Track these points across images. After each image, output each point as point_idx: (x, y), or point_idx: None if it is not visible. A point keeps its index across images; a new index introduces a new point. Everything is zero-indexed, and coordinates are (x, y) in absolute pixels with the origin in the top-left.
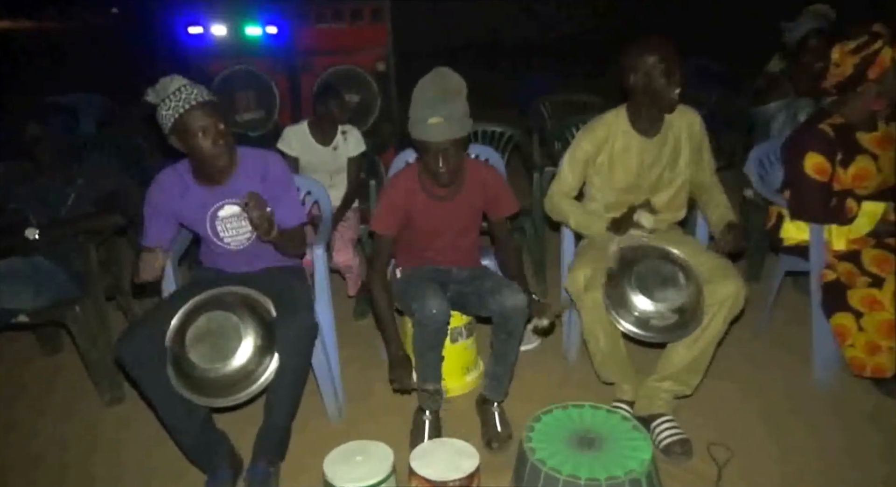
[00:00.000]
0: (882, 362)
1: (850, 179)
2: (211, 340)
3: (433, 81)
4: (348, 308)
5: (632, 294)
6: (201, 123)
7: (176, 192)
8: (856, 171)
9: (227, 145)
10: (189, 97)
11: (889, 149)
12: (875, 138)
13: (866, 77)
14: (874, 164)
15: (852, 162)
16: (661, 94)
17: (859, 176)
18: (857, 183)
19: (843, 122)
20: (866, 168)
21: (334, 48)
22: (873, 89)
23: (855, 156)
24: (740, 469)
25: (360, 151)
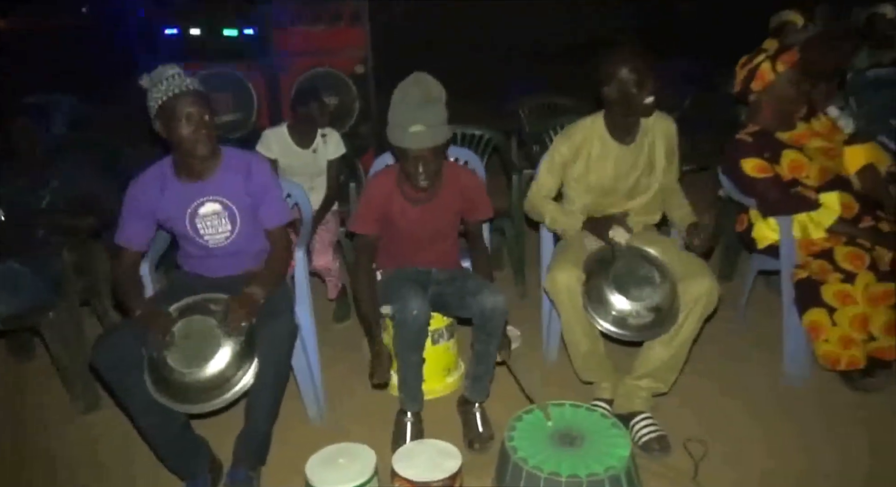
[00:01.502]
0: (855, 355)
1: (787, 171)
2: (189, 345)
3: (413, 87)
4: (328, 311)
5: (609, 293)
6: (187, 110)
7: (156, 188)
8: (789, 163)
9: (208, 136)
10: (180, 84)
11: (814, 140)
12: (794, 135)
13: (751, 89)
14: (802, 154)
15: (781, 156)
16: (634, 103)
17: (794, 166)
18: (797, 173)
19: (759, 129)
20: (796, 159)
21: (313, 50)
22: (763, 99)
23: (780, 151)
24: (716, 464)
25: (339, 154)
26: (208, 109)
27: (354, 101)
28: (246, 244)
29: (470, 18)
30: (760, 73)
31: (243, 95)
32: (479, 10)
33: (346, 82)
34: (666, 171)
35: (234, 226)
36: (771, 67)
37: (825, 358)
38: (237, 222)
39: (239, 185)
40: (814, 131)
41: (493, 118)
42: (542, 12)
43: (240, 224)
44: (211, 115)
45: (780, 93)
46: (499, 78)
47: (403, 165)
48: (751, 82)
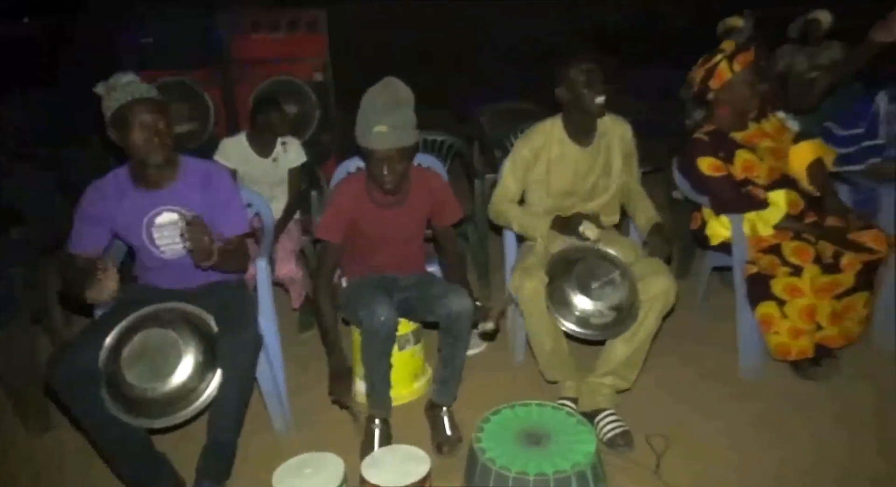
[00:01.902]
0: (804, 345)
1: (740, 171)
2: (149, 359)
3: (382, 91)
4: (292, 321)
5: (572, 294)
6: (141, 117)
7: (112, 196)
8: (742, 163)
9: (162, 144)
10: (133, 91)
11: (764, 140)
12: (747, 135)
13: (709, 87)
14: (754, 155)
15: (734, 156)
16: (586, 102)
17: (746, 166)
18: (748, 172)
19: (714, 128)
20: (749, 159)
21: (271, 58)
22: (720, 98)
23: (734, 151)
24: (677, 457)
25: (300, 162)
26: (164, 117)
27: (314, 109)
28: None
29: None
30: (718, 73)
31: (200, 105)
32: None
33: (305, 90)
34: (623, 173)
35: None
36: (728, 67)
37: (776, 349)
38: None
39: (197, 194)
40: (764, 132)
41: (453, 124)
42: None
43: None
44: (167, 123)
45: (736, 91)
46: (458, 84)
47: (370, 167)
48: (709, 81)
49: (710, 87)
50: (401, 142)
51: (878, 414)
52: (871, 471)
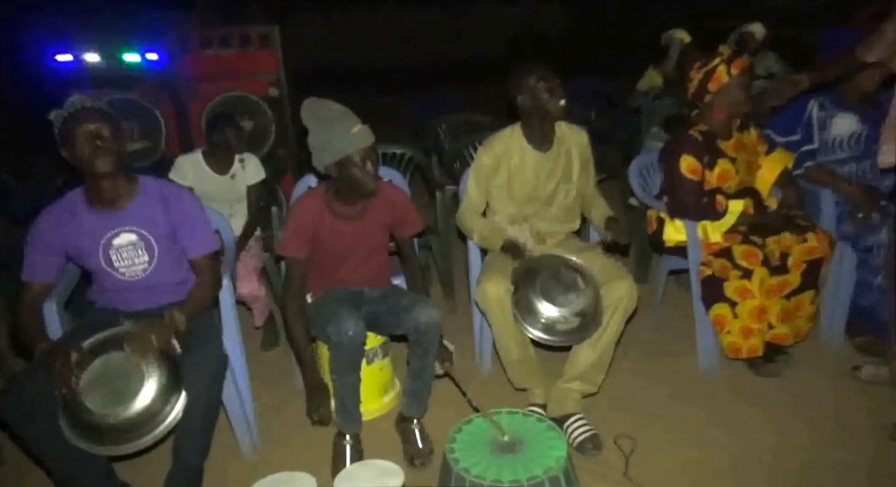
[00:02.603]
0: (754, 344)
1: (715, 179)
2: (109, 384)
3: (322, 106)
4: (255, 339)
5: (537, 302)
6: (83, 127)
7: (66, 220)
8: (719, 172)
9: (108, 151)
10: (75, 105)
11: (742, 154)
12: (730, 145)
13: (707, 90)
14: (733, 166)
15: (716, 164)
16: (547, 107)
17: (722, 176)
18: (722, 182)
19: (706, 129)
20: (727, 169)
21: (223, 74)
22: (716, 101)
23: (717, 159)
24: (645, 457)
25: (259, 179)
26: (109, 125)
27: (270, 125)
28: (165, 276)
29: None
30: (717, 76)
31: (150, 123)
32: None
33: (260, 105)
34: (581, 178)
35: (151, 257)
36: (726, 70)
37: (728, 348)
38: (155, 253)
39: (158, 214)
40: (743, 144)
41: (408, 137)
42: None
43: (158, 254)
44: (113, 132)
45: (732, 95)
46: (410, 98)
47: (352, 174)
48: (708, 83)
49: (708, 90)
50: (373, 137)
51: (831, 406)
52: (830, 462)
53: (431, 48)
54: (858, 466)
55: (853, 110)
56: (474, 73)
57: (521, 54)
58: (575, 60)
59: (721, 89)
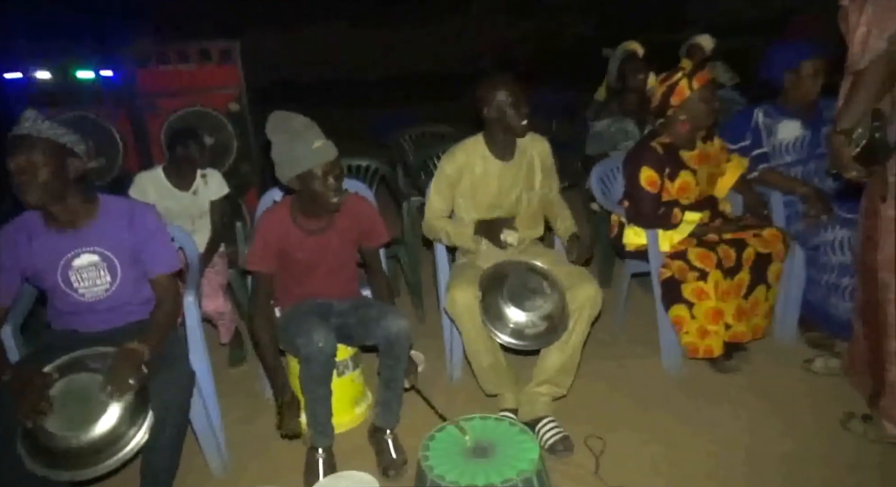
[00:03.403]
0: (710, 344)
1: (675, 191)
2: (72, 406)
3: (286, 120)
4: (222, 356)
5: (505, 307)
6: (12, 162)
7: (23, 240)
8: (680, 185)
9: (35, 189)
10: (28, 119)
11: (705, 165)
12: (694, 156)
13: (670, 103)
14: (694, 178)
15: (677, 176)
16: (512, 124)
17: (682, 188)
18: (681, 194)
19: (669, 141)
20: (688, 182)
21: (182, 90)
22: (679, 114)
23: (679, 171)
24: (615, 456)
25: (222, 194)
26: (40, 152)
27: (231, 140)
28: (128, 296)
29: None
30: (679, 89)
31: (106, 140)
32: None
33: (220, 120)
34: (543, 186)
35: (113, 277)
36: (688, 84)
37: (687, 348)
38: (118, 273)
39: (121, 233)
40: (707, 155)
41: (371, 150)
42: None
43: (121, 275)
44: (48, 161)
45: (694, 108)
46: (370, 112)
47: (313, 189)
48: (670, 97)
49: (671, 103)
50: (336, 152)
51: (786, 399)
52: (787, 452)
53: (392, 64)
54: (813, 454)
55: (795, 116)
56: (435, 88)
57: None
58: (536, 72)
59: (683, 103)
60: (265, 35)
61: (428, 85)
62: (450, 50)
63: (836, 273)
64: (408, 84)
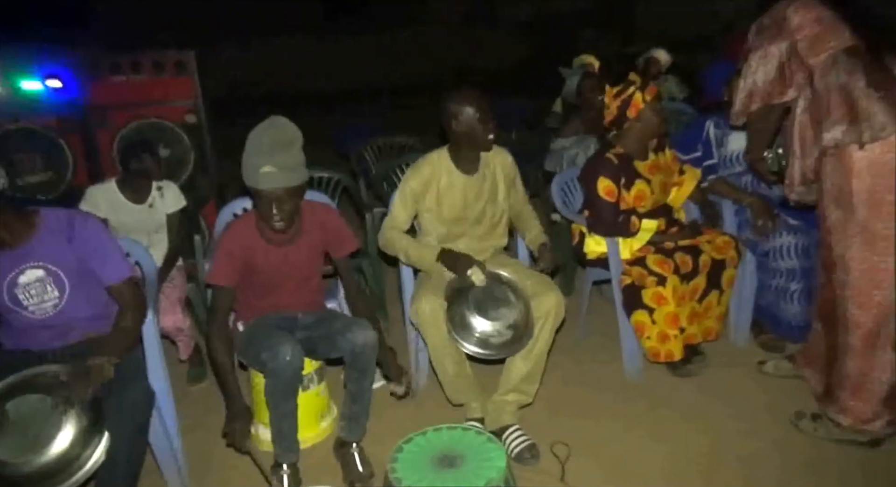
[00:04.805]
0: (671, 348)
1: (632, 200)
2: (22, 429)
3: (267, 130)
4: (181, 374)
5: (471, 317)
6: None
7: None
8: (636, 193)
9: None
10: None
11: (658, 175)
12: (647, 166)
13: (626, 116)
14: (648, 187)
15: (633, 185)
16: (478, 138)
17: (638, 197)
18: (637, 203)
19: (623, 152)
20: (643, 190)
21: (135, 101)
22: (635, 125)
23: (634, 180)
24: (580, 462)
25: (179, 206)
26: None
27: (188, 152)
28: (77, 310)
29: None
30: (634, 102)
31: (54, 153)
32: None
33: (176, 133)
34: (508, 197)
35: (61, 292)
36: (641, 97)
37: (649, 352)
38: (65, 287)
39: (63, 247)
40: (659, 165)
41: (334, 161)
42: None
43: (69, 289)
44: None
45: (648, 119)
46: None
47: (258, 206)
48: (626, 110)
49: (627, 116)
50: (289, 182)
51: (742, 400)
52: (744, 452)
53: (349, 74)
54: (770, 454)
55: (743, 128)
56: (392, 99)
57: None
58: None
59: (639, 114)
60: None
61: (385, 95)
62: (407, 61)
63: (785, 277)
64: (365, 94)
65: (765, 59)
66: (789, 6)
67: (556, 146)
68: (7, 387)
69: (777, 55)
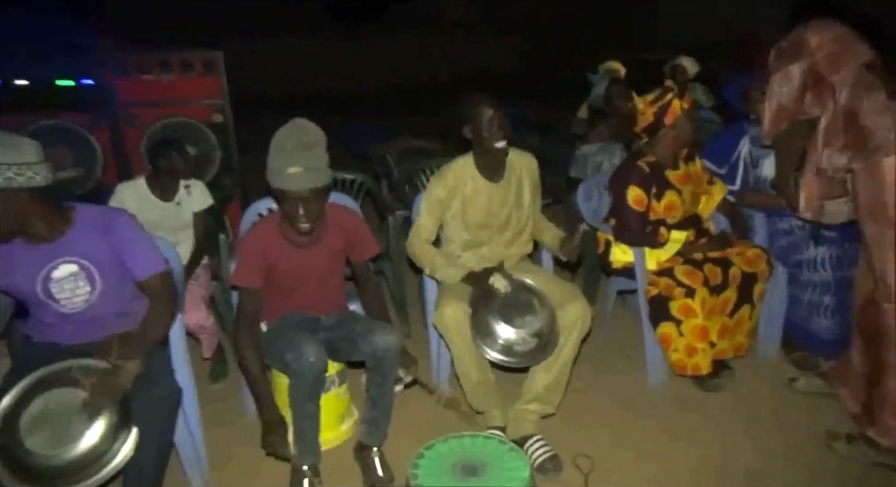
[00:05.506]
0: (698, 362)
1: (662, 210)
2: (53, 423)
3: (292, 132)
4: (203, 371)
5: (495, 324)
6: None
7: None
8: (666, 203)
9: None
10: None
11: (689, 185)
12: (678, 175)
13: (663, 123)
14: (679, 197)
15: (663, 195)
16: (486, 145)
17: (669, 207)
18: (668, 213)
19: (654, 161)
20: (674, 200)
21: (163, 100)
22: (670, 133)
23: (665, 190)
24: (604, 475)
25: (206, 205)
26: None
27: (214, 151)
28: (106, 306)
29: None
30: (672, 109)
31: (85, 149)
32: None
33: (203, 131)
34: (532, 202)
35: (93, 286)
36: (679, 105)
37: (675, 365)
38: (97, 282)
39: (97, 242)
40: (689, 175)
41: (354, 163)
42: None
43: (100, 284)
44: None
45: (683, 126)
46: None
47: (284, 208)
48: (663, 117)
49: (664, 123)
50: (315, 183)
51: (772, 417)
52: (774, 470)
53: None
54: (799, 472)
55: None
56: (407, 101)
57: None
58: (516, 89)
59: (675, 122)
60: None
61: (401, 98)
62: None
63: (818, 290)
64: (382, 96)
65: (786, 78)
66: (807, 29)
67: (581, 152)
68: (37, 380)
69: (798, 74)
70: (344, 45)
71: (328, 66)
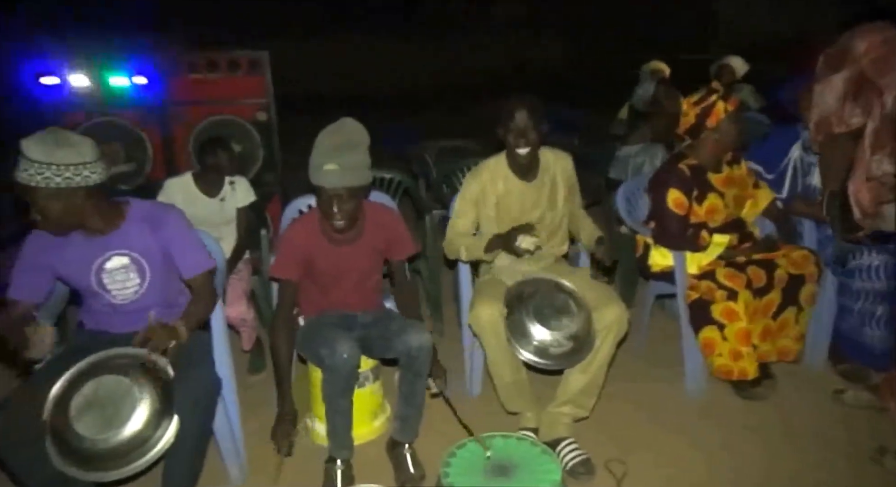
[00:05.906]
0: (744, 366)
1: (703, 213)
2: (100, 408)
3: (336, 131)
4: (243, 363)
5: (530, 325)
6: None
7: (56, 244)
8: (708, 206)
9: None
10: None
11: (732, 188)
12: (721, 179)
13: (705, 125)
14: (721, 201)
15: (705, 199)
16: (512, 150)
17: (711, 210)
18: (709, 216)
19: (696, 163)
20: (716, 204)
21: (210, 98)
22: (712, 136)
23: (707, 193)
24: (637, 481)
25: (249, 201)
26: (44, 199)
27: (258, 149)
28: (154, 297)
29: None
30: (715, 111)
31: (136, 145)
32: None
33: (248, 129)
34: (567, 201)
35: (143, 279)
36: (723, 107)
37: (720, 370)
38: (146, 275)
39: (147, 237)
40: (733, 178)
41: (391, 162)
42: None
43: (149, 277)
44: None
45: (728, 129)
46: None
47: (320, 204)
48: (707, 119)
49: (706, 125)
50: (350, 182)
51: (815, 430)
52: (814, 481)
53: (407, 76)
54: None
55: None
56: (456, 101)
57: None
58: (559, 90)
59: (718, 124)
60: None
61: (442, 98)
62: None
63: (871, 299)
64: (421, 96)
65: (829, 87)
66: (853, 36)
67: (621, 154)
68: (89, 366)
69: (840, 84)
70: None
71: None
